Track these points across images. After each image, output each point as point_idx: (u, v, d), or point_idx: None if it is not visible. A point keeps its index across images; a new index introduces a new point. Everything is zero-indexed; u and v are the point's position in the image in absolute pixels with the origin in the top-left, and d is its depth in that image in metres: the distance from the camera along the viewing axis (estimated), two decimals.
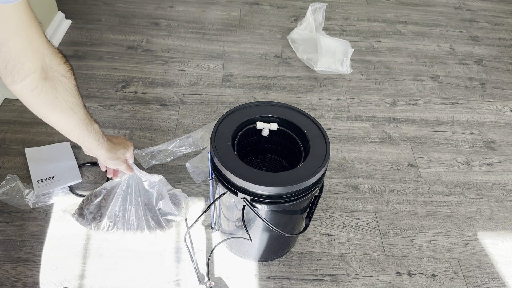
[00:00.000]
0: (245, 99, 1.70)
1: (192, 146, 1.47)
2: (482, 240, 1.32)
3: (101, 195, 1.16)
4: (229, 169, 0.93)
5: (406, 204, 1.39)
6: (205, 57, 1.89)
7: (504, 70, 2.01)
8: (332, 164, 1.49)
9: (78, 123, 0.78)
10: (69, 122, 0.76)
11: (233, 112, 1.08)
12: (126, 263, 1.16)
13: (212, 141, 0.99)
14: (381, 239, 1.29)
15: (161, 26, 2.04)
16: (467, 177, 1.50)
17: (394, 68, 1.95)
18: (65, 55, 0.73)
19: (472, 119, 1.73)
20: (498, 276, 1.24)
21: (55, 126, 0.77)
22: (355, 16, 2.26)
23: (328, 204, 1.37)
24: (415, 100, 1.79)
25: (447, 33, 2.21)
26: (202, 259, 1.19)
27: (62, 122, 0.76)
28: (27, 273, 1.12)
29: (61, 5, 2.00)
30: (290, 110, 1.10)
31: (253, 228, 1.07)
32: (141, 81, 1.73)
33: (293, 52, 1.97)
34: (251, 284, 1.16)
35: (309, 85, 1.81)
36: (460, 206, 1.40)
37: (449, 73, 1.96)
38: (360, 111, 1.71)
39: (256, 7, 2.25)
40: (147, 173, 1.13)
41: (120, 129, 1.52)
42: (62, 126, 0.77)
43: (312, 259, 1.23)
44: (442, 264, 1.25)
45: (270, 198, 0.94)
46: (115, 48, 1.88)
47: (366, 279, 1.19)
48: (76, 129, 0.79)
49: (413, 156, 1.55)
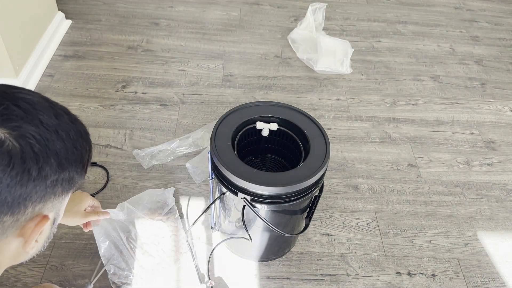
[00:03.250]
0: (245, 99, 1.70)
1: (192, 146, 1.47)
2: (482, 240, 1.32)
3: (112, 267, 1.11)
4: (229, 169, 0.93)
5: (406, 204, 1.39)
6: (205, 57, 1.89)
7: (504, 70, 2.01)
8: (332, 164, 1.49)
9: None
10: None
11: (233, 112, 1.08)
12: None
13: (212, 141, 0.99)
14: (381, 239, 1.29)
15: (161, 26, 2.04)
16: (467, 177, 1.50)
17: (394, 68, 1.95)
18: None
19: (472, 119, 1.73)
20: (498, 276, 1.24)
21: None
22: (355, 16, 2.26)
23: (328, 204, 1.37)
24: (415, 100, 1.79)
25: (447, 33, 2.21)
26: (203, 259, 1.19)
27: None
28: (27, 273, 1.12)
29: (61, 5, 2.00)
30: (290, 110, 1.10)
31: (253, 228, 1.07)
32: (141, 81, 1.73)
33: (293, 52, 1.97)
34: (251, 284, 1.16)
35: (309, 85, 1.81)
36: (460, 206, 1.40)
37: (449, 73, 1.96)
38: (360, 111, 1.71)
39: (256, 7, 2.25)
40: (111, 211, 1.08)
41: (120, 129, 1.52)
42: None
43: (312, 259, 1.23)
44: (442, 264, 1.25)
45: (270, 198, 0.94)
46: (115, 48, 1.88)
47: (366, 279, 1.19)
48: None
49: (413, 156, 1.55)
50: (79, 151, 0.53)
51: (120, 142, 1.48)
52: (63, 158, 0.50)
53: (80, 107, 1.58)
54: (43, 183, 0.48)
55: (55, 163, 0.49)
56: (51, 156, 0.49)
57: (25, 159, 0.46)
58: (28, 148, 0.47)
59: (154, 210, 1.14)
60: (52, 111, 0.51)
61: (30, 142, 0.47)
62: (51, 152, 0.49)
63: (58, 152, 0.50)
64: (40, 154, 0.48)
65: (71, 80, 1.70)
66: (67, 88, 1.66)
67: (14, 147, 0.46)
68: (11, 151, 0.45)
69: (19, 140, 0.46)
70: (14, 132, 0.46)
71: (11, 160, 0.45)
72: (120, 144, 1.47)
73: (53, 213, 0.54)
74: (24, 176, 0.46)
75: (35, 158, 0.47)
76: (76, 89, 1.66)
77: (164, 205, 1.15)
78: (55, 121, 0.50)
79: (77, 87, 1.67)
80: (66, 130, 0.51)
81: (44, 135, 0.48)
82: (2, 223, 0.48)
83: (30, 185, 0.47)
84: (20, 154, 0.46)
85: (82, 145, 0.54)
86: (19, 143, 0.46)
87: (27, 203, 0.48)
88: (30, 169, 0.47)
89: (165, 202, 1.16)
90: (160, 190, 1.19)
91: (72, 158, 0.52)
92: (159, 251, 1.12)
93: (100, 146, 1.46)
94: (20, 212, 0.49)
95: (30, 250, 0.54)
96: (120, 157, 1.43)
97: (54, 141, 0.49)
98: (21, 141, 0.46)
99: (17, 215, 0.49)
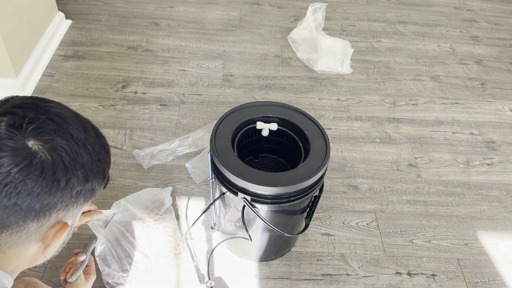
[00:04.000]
0: (245, 99, 1.70)
1: (192, 146, 1.47)
2: (482, 240, 1.32)
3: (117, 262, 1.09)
4: (229, 169, 0.93)
5: (406, 204, 1.39)
6: (205, 57, 1.89)
7: (504, 70, 2.01)
8: (332, 164, 1.49)
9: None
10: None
11: (233, 112, 1.08)
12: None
13: (212, 141, 0.99)
14: (381, 239, 1.29)
15: (161, 26, 2.04)
16: (467, 177, 1.50)
17: (394, 68, 1.95)
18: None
19: (472, 119, 1.73)
20: (498, 276, 1.24)
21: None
22: (355, 16, 2.26)
23: (328, 204, 1.37)
24: (415, 100, 1.79)
25: (447, 33, 2.21)
26: (203, 259, 1.19)
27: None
28: (27, 273, 1.12)
29: (61, 5, 2.00)
30: (290, 110, 1.10)
31: (253, 228, 1.07)
32: (141, 81, 1.73)
33: (293, 52, 1.97)
34: (251, 284, 1.16)
35: (309, 85, 1.81)
36: (460, 206, 1.40)
37: (449, 73, 1.96)
38: (360, 111, 1.71)
39: (256, 7, 2.25)
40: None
41: (120, 129, 1.52)
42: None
43: (312, 259, 1.23)
44: (442, 264, 1.25)
45: (270, 198, 0.94)
46: (115, 48, 1.88)
47: (366, 279, 1.19)
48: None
49: (413, 156, 1.55)
50: (102, 164, 0.57)
51: (120, 142, 1.48)
52: (89, 170, 0.54)
53: (80, 107, 1.58)
54: (69, 193, 0.52)
55: (82, 175, 0.53)
56: (79, 169, 0.52)
57: (55, 170, 0.50)
58: (59, 160, 0.50)
59: (151, 209, 1.14)
60: (81, 125, 0.55)
61: (61, 154, 0.50)
62: (79, 165, 0.52)
63: (85, 165, 0.53)
64: (69, 166, 0.51)
65: (71, 80, 1.70)
66: (67, 88, 1.66)
67: (46, 159, 0.49)
68: (44, 163, 0.49)
69: (51, 153, 0.50)
70: (47, 145, 0.50)
71: (43, 171, 0.49)
72: (120, 144, 1.47)
73: (71, 220, 0.58)
74: (53, 186, 0.50)
75: (64, 170, 0.51)
76: (76, 89, 1.66)
77: (161, 204, 1.15)
78: (84, 135, 0.54)
79: (77, 87, 1.67)
80: (93, 144, 0.55)
81: (74, 148, 0.52)
82: (27, 228, 0.51)
83: (57, 195, 0.51)
84: (52, 166, 0.49)
85: (104, 158, 0.58)
86: (51, 155, 0.50)
87: (52, 211, 0.52)
88: (59, 180, 0.50)
89: (162, 202, 1.16)
90: (158, 189, 1.19)
91: (95, 170, 0.55)
92: (154, 252, 1.11)
93: None
94: (45, 219, 0.52)
95: (48, 255, 0.58)
96: (120, 157, 1.43)
97: (82, 154, 0.53)
98: (53, 153, 0.50)
99: (42, 222, 0.52)
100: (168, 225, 1.15)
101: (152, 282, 1.12)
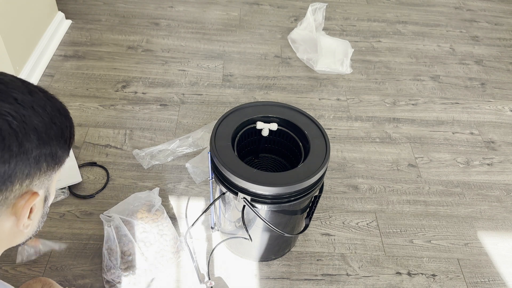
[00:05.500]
0: (245, 99, 1.70)
1: (192, 146, 1.47)
2: (482, 240, 1.32)
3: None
4: (229, 169, 0.93)
5: (406, 204, 1.39)
6: (205, 57, 1.89)
7: (504, 70, 2.01)
8: (332, 164, 1.49)
9: None
10: None
11: (233, 112, 1.08)
12: None
13: (212, 141, 0.99)
14: (381, 239, 1.29)
15: (161, 26, 2.04)
16: (467, 177, 1.50)
17: (394, 68, 1.95)
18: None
19: (472, 119, 1.73)
20: (498, 276, 1.24)
21: None
22: (355, 16, 2.26)
23: (328, 204, 1.37)
24: (415, 100, 1.79)
25: (447, 33, 2.21)
26: (203, 259, 1.19)
27: None
28: (27, 273, 1.12)
29: (61, 5, 2.00)
30: (290, 110, 1.10)
31: (253, 228, 1.07)
32: (141, 81, 1.73)
33: (293, 52, 1.97)
34: (251, 284, 1.16)
35: (309, 85, 1.81)
36: (460, 206, 1.40)
37: (449, 73, 1.96)
38: (360, 111, 1.71)
39: (256, 7, 2.25)
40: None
41: (120, 129, 1.52)
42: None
43: (312, 259, 1.23)
44: (442, 264, 1.25)
45: (270, 198, 0.94)
46: (115, 48, 1.88)
47: (366, 279, 1.19)
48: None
49: (413, 156, 1.55)
50: (58, 126, 0.54)
51: (120, 142, 1.48)
52: (43, 132, 0.51)
53: (80, 107, 1.58)
54: (25, 159, 0.50)
55: (35, 138, 0.50)
56: (30, 132, 0.50)
57: (4, 136, 0.47)
58: (6, 125, 0.47)
59: (142, 212, 1.14)
60: (26, 89, 0.52)
61: (6, 119, 0.48)
62: (29, 127, 0.50)
63: (37, 127, 0.50)
64: (18, 130, 0.48)
65: (71, 80, 1.70)
66: (67, 88, 1.66)
67: None
68: None
69: None
70: None
71: None
72: (120, 144, 1.47)
73: (42, 190, 0.55)
74: (5, 153, 0.47)
75: (14, 134, 0.48)
76: (76, 89, 1.66)
77: (151, 206, 1.16)
78: (30, 97, 0.51)
79: (77, 87, 1.67)
80: (42, 106, 0.52)
81: (20, 111, 0.49)
82: None
83: (12, 162, 0.48)
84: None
85: (61, 121, 0.55)
86: None
87: (13, 179, 0.49)
88: (10, 145, 0.47)
89: (152, 203, 1.16)
90: (145, 193, 1.19)
91: (52, 133, 0.53)
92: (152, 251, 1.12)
93: (100, 146, 1.46)
94: (8, 190, 0.50)
95: (24, 229, 0.55)
96: (120, 157, 1.43)
97: (31, 116, 0.50)
98: None
99: (5, 193, 0.50)
100: (162, 223, 1.15)
101: (150, 281, 1.12)
